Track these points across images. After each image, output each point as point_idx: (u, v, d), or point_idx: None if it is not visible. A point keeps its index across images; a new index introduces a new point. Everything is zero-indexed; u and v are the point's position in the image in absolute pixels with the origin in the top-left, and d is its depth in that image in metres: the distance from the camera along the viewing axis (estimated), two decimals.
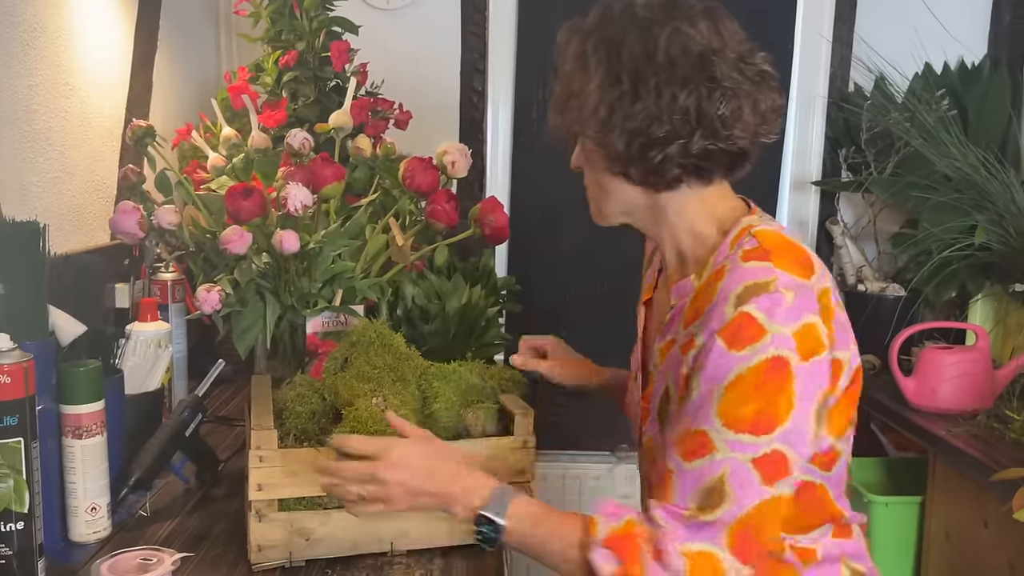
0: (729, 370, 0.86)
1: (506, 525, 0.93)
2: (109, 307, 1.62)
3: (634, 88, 0.90)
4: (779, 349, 0.85)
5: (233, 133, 1.65)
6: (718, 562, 0.86)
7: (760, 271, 0.87)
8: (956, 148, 2.11)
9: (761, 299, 0.86)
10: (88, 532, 1.14)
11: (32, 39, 1.42)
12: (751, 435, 0.85)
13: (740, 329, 0.85)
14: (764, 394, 0.85)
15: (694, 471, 0.87)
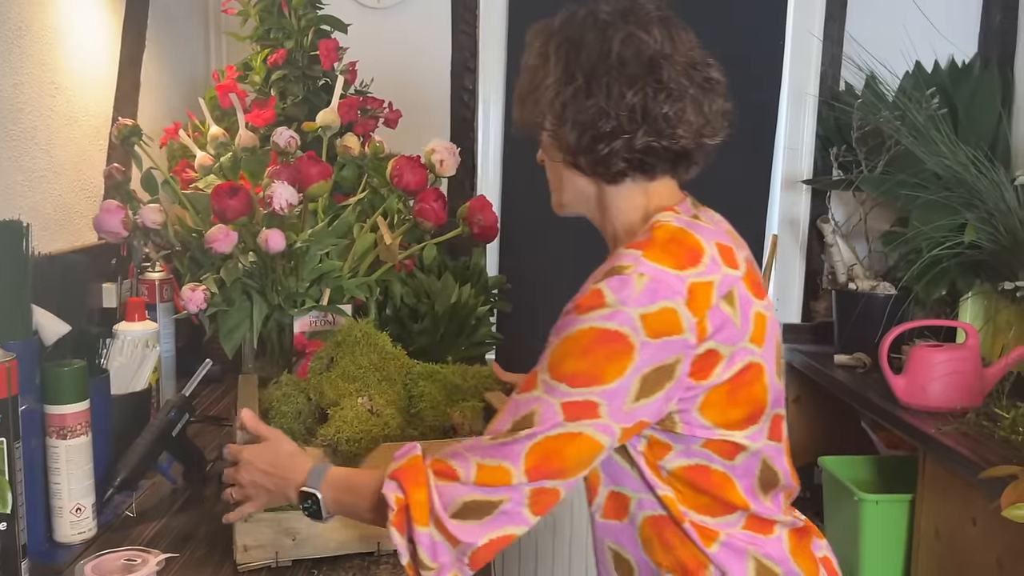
0: (566, 328, 0.93)
1: (321, 495, 1.01)
2: (95, 307, 1.62)
3: (587, 85, 0.98)
4: (620, 325, 0.91)
5: (221, 132, 1.64)
6: (507, 475, 0.91)
7: (625, 257, 0.94)
8: (946, 147, 2.11)
9: (613, 279, 0.92)
10: (73, 533, 1.14)
11: (17, 37, 1.41)
12: (567, 385, 0.92)
13: (589, 300, 0.93)
14: (590, 358, 0.91)
15: (517, 402, 0.95)
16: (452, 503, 0.92)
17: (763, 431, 1.00)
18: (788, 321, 2.56)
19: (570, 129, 0.99)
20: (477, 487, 0.91)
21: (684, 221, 1.00)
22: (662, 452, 0.98)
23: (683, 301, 0.92)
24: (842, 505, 2.04)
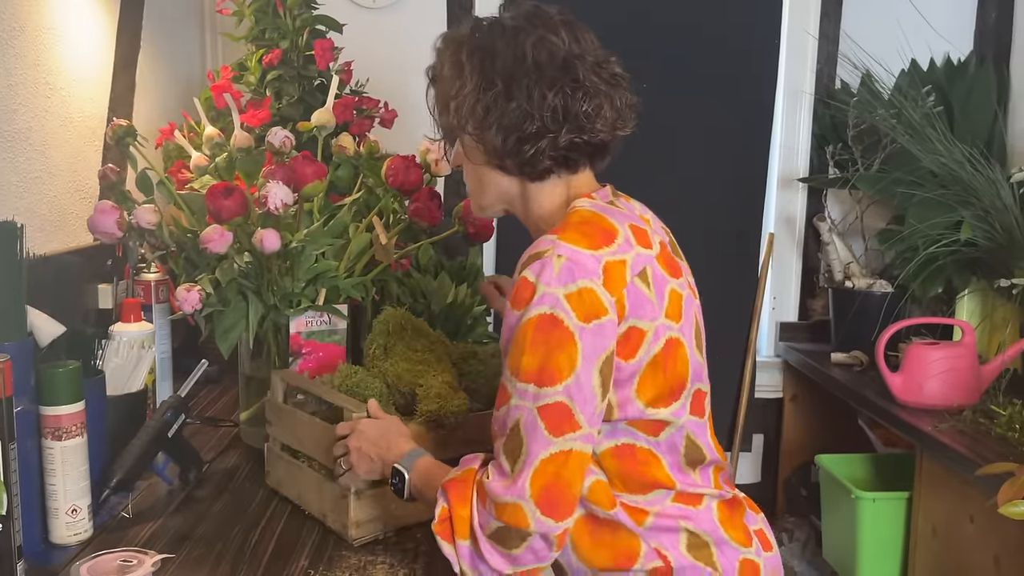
0: (511, 327, 0.96)
1: (409, 477, 1.08)
2: (91, 308, 1.61)
3: (507, 89, 1.02)
4: (552, 308, 0.94)
5: (216, 132, 1.63)
6: (523, 514, 0.95)
7: (545, 242, 0.98)
8: (942, 144, 2.11)
9: (534, 264, 0.96)
10: (69, 534, 1.13)
11: (12, 38, 1.41)
12: (535, 385, 0.94)
13: (518, 290, 0.96)
14: (540, 350, 0.94)
15: (500, 416, 0.98)
16: (487, 525, 0.97)
17: (685, 406, 1.04)
18: (785, 319, 2.56)
19: (495, 133, 1.03)
20: (500, 521, 0.96)
21: (598, 206, 1.05)
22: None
23: (600, 281, 0.96)
24: (839, 503, 2.04)
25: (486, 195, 1.11)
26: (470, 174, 1.12)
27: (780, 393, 2.55)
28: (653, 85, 2.33)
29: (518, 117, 1.02)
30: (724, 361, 2.43)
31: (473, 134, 1.05)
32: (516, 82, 1.02)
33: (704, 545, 1.04)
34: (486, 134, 1.04)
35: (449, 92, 1.06)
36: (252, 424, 1.48)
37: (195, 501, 1.29)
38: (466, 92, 1.04)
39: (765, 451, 2.59)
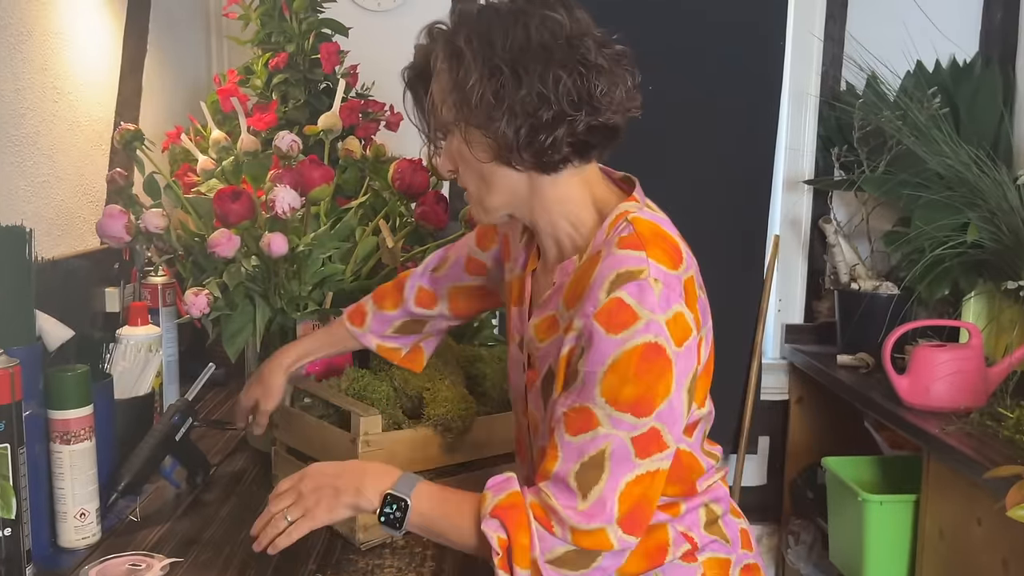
0: (608, 354, 0.91)
1: (412, 503, 0.98)
2: (98, 311, 1.62)
3: (515, 75, 0.94)
4: (656, 336, 0.90)
5: (223, 136, 1.64)
6: (607, 538, 0.92)
7: (633, 259, 0.93)
8: (948, 146, 2.11)
9: (631, 286, 0.91)
10: (77, 538, 1.14)
11: (19, 42, 1.41)
12: (632, 415, 0.91)
13: (613, 313, 0.91)
14: (644, 380, 0.90)
15: (577, 444, 0.93)
16: (551, 551, 0.93)
17: (707, 399, 1.06)
18: (790, 321, 2.56)
19: (507, 123, 0.94)
20: (575, 546, 0.92)
21: (650, 215, 1.00)
22: None
23: (683, 301, 0.94)
24: (846, 506, 2.04)
25: (494, 195, 1.02)
26: (471, 175, 1.02)
27: (786, 395, 2.54)
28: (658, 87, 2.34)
29: (532, 103, 0.94)
30: (730, 363, 2.43)
31: (482, 128, 0.96)
32: (524, 66, 0.93)
33: (715, 519, 1.09)
34: (495, 125, 0.95)
35: (446, 86, 0.97)
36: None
37: (203, 505, 1.29)
38: (471, 82, 0.94)
39: (771, 453, 2.59)
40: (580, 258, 1.00)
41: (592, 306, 0.93)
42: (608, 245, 0.96)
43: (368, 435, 1.16)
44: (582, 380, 0.93)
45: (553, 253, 1.05)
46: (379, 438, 1.17)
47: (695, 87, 2.35)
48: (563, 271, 1.02)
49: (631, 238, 0.96)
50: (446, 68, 0.96)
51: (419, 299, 1.30)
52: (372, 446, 1.17)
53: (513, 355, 1.15)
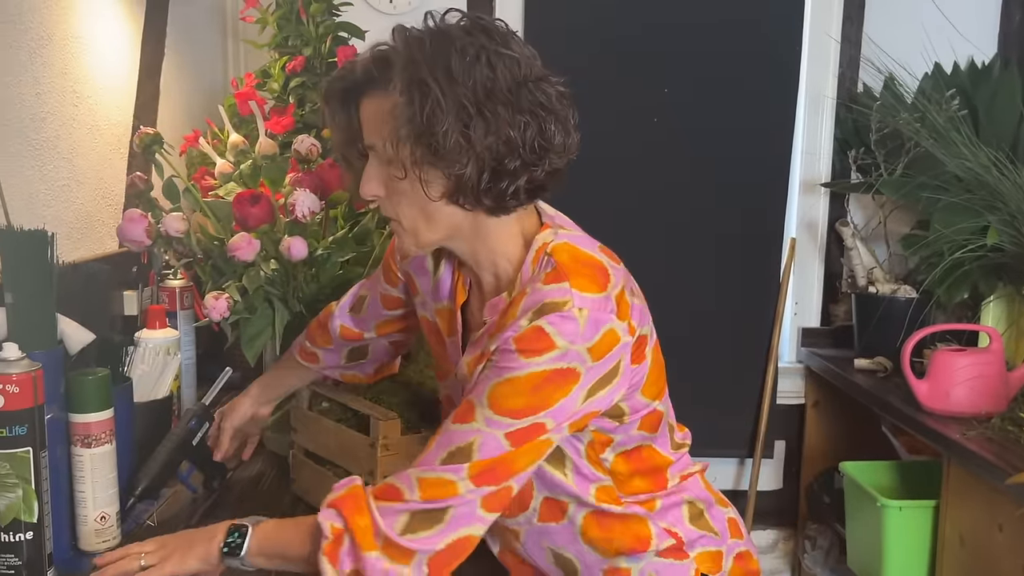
0: (511, 370, 0.91)
1: (253, 529, 0.98)
2: (117, 315, 1.62)
3: (483, 119, 0.89)
4: (570, 363, 0.91)
5: (240, 139, 1.64)
6: (453, 487, 0.90)
7: (556, 292, 0.92)
8: (967, 148, 2.09)
9: (553, 316, 0.91)
10: (98, 541, 1.14)
11: (40, 47, 1.42)
12: (510, 418, 0.91)
13: (531, 340, 0.91)
14: (536, 395, 0.91)
15: (452, 432, 0.93)
16: (397, 521, 0.90)
17: (664, 392, 1.08)
18: (807, 325, 2.55)
19: (471, 168, 0.90)
20: (423, 502, 0.90)
21: (566, 237, 0.99)
22: (603, 446, 1.03)
23: (615, 317, 0.94)
24: (864, 511, 2.02)
25: (434, 231, 0.97)
26: (409, 207, 0.96)
27: (802, 399, 2.53)
28: (673, 90, 2.35)
29: (498, 150, 0.90)
30: (745, 367, 2.42)
31: (440, 167, 0.91)
32: (492, 110, 0.89)
33: (700, 513, 1.11)
34: (457, 168, 0.90)
35: (402, 117, 0.89)
36: (277, 431, 1.49)
37: (220, 508, 1.29)
38: (439, 121, 0.88)
39: (787, 458, 2.57)
40: (509, 294, 0.99)
41: (513, 332, 0.92)
42: (533, 282, 0.95)
43: (387, 439, 1.16)
44: (476, 382, 0.94)
45: (491, 286, 1.04)
46: (398, 442, 1.17)
47: (711, 89, 2.34)
48: (493, 308, 1.01)
49: (555, 272, 0.95)
50: (405, 100, 0.89)
51: (344, 334, 1.28)
52: (391, 450, 1.17)
53: (449, 387, 1.13)
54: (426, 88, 0.88)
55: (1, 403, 0.94)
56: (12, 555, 0.96)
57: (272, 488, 1.37)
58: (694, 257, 2.38)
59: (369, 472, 1.18)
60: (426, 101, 0.88)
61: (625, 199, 2.31)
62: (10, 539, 0.96)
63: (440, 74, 0.89)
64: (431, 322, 1.13)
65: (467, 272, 1.06)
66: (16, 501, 0.96)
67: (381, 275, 1.23)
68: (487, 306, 1.02)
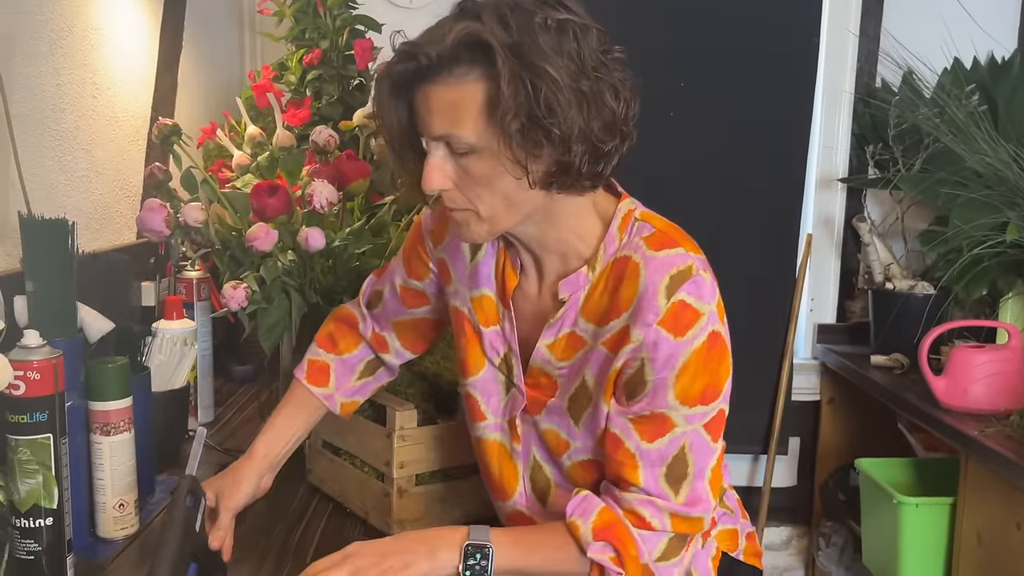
0: (677, 357, 0.91)
1: (495, 548, 0.91)
2: (136, 305, 1.63)
3: (590, 98, 0.85)
4: (714, 325, 0.92)
5: (258, 131, 1.65)
6: (705, 520, 0.96)
7: (677, 257, 0.92)
8: (986, 144, 2.07)
9: (688, 285, 0.91)
10: (116, 528, 1.15)
11: (60, 38, 1.43)
12: (702, 405, 0.93)
13: (678, 316, 0.90)
14: (709, 369, 0.92)
15: (657, 449, 0.93)
16: (656, 548, 0.95)
17: None
18: (823, 321, 2.53)
19: (582, 151, 0.86)
20: (674, 533, 0.95)
21: (641, 206, 1.00)
22: None
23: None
24: (880, 508, 2.01)
25: (514, 217, 0.93)
26: (493, 195, 0.90)
27: (817, 396, 2.52)
28: (690, 84, 2.33)
29: (603, 129, 0.87)
30: (761, 363, 2.41)
31: (552, 154, 0.86)
32: (593, 87, 0.85)
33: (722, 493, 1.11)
34: (568, 155, 0.86)
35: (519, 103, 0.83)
36: None
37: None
38: (557, 105, 0.83)
39: (801, 454, 2.56)
40: (591, 268, 0.97)
41: (653, 314, 0.91)
42: (636, 249, 0.94)
43: (403, 429, 1.17)
44: (651, 388, 0.93)
45: (556, 265, 1.00)
46: (414, 432, 1.18)
47: (728, 84, 2.33)
48: (571, 285, 0.98)
49: (659, 237, 0.94)
50: (513, 86, 0.82)
51: (374, 339, 1.20)
52: (408, 440, 1.17)
53: (487, 379, 1.07)
54: (538, 70, 0.83)
55: (22, 390, 0.95)
56: (32, 541, 0.97)
57: (289, 478, 1.37)
58: (709, 252, 2.31)
59: (385, 463, 1.18)
60: (540, 85, 0.83)
61: (639, 193, 2.29)
62: (30, 524, 0.97)
63: (546, 55, 0.83)
64: (462, 313, 1.08)
65: (518, 254, 1.02)
66: (36, 487, 0.96)
67: (402, 267, 1.16)
68: (563, 283, 0.98)
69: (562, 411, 1.02)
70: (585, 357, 0.98)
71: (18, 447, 0.96)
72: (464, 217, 0.93)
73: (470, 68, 0.85)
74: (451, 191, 0.92)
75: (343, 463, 1.27)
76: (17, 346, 0.96)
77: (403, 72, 0.89)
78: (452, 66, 0.85)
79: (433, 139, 0.90)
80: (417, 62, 0.87)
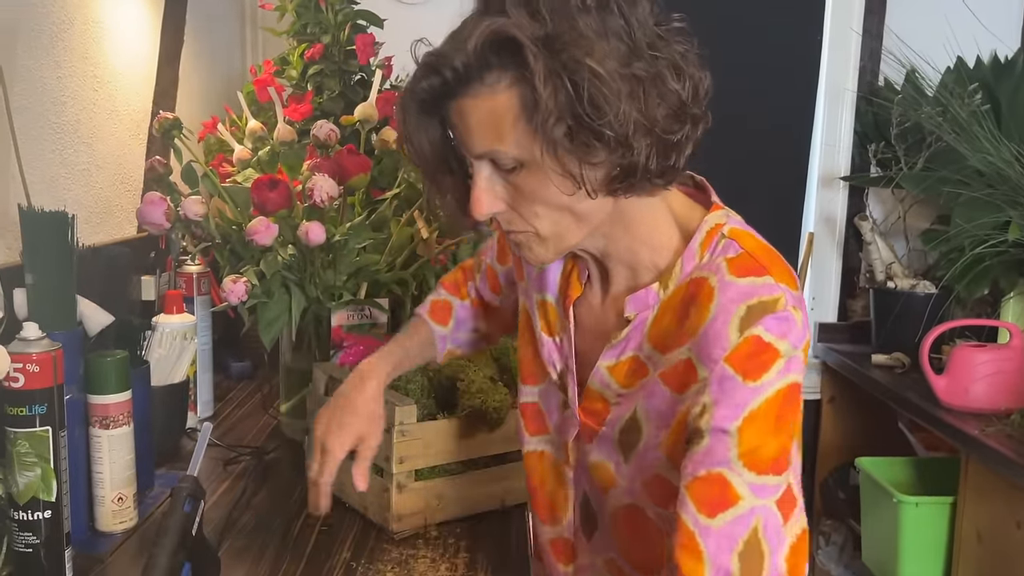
0: (746, 405, 0.75)
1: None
2: (136, 299, 1.63)
3: (650, 85, 0.73)
4: (795, 374, 0.76)
5: (259, 126, 1.65)
6: None
7: (761, 288, 0.77)
8: (989, 143, 2.07)
9: (769, 320, 0.75)
10: (115, 522, 1.14)
11: (61, 31, 1.42)
12: (774, 475, 0.75)
13: (752, 356, 0.75)
14: (784, 430, 0.76)
15: (722, 529, 0.75)
16: None
17: None
18: (824, 320, 2.53)
19: (647, 147, 0.74)
20: None
21: (741, 224, 0.84)
22: None
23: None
24: (880, 507, 2.01)
25: (581, 231, 0.81)
26: (553, 211, 0.79)
27: (818, 395, 2.51)
28: None
29: (668, 117, 0.74)
30: None
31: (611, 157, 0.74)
32: (651, 70, 0.73)
33: None
34: (628, 156, 0.74)
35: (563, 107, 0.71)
36: (292, 416, 1.49)
37: (237, 493, 1.29)
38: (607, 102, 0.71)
39: (802, 453, 2.55)
40: (662, 287, 0.83)
41: (720, 349, 0.75)
42: (715, 271, 0.79)
43: (403, 424, 1.16)
44: (708, 441, 0.75)
45: (624, 278, 0.88)
46: (414, 427, 1.17)
47: (730, 81, 2.32)
48: (639, 302, 0.85)
49: (745, 260, 0.79)
50: (551, 88, 0.71)
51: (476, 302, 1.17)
52: (408, 435, 1.17)
53: (546, 392, 0.97)
54: (577, 63, 0.71)
55: (21, 382, 0.94)
56: (30, 533, 0.97)
57: (288, 473, 1.38)
58: None
59: (385, 458, 1.18)
60: (581, 80, 0.70)
61: None
62: (29, 517, 0.96)
63: (589, 41, 0.71)
64: (528, 314, 0.99)
65: (587, 264, 0.91)
66: (35, 480, 0.96)
67: (495, 246, 1.10)
68: (630, 300, 0.85)
69: (611, 443, 0.89)
70: (642, 388, 0.85)
71: (17, 439, 0.95)
72: (524, 239, 0.82)
73: (501, 73, 0.73)
74: (505, 212, 0.80)
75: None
76: (16, 338, 0.96)
77: (429, 89, 0.77)
78: (482, 74, 0.74)
79: (475, 158, 0.79)
80: (442, 76, 0.76)
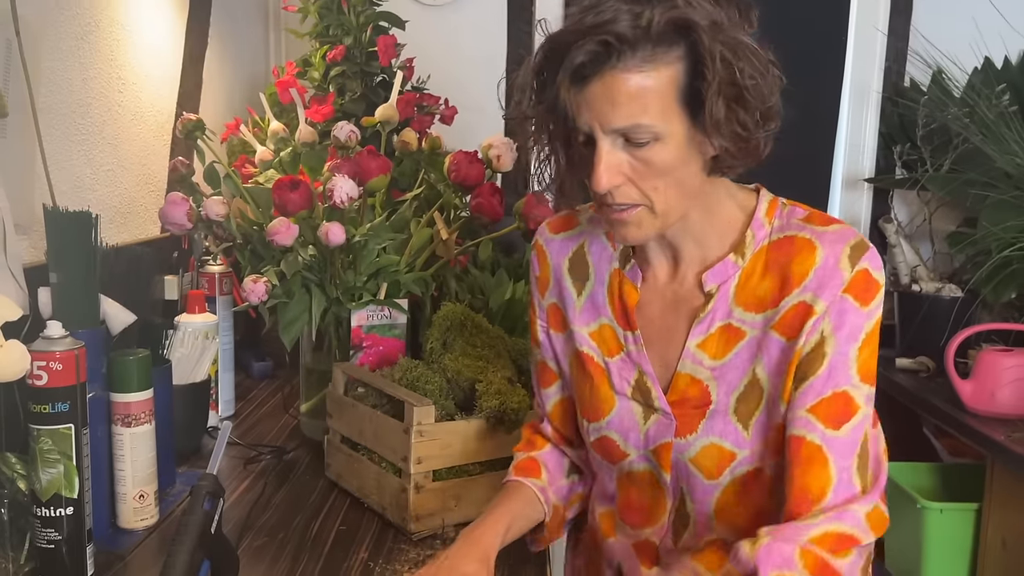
0: (862, 328, 0.87)
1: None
2: (158, 298, 1.65)
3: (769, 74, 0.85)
4: (882, 305, 0.90)
5: (281, 127, 1.66)
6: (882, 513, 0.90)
7: (849, 233, 0.90)
8: (1017, 144, 2.04)
9: (869, 255, 0.89)
10: (136, 519, 1.15)
11: (87, 33, 1.44)
12: (870, 386, 0.89)
13: (865, 285, 0.88)
14: (878, 345, 0.90)
15: (848, 437, 0.88)
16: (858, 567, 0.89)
17: None
18: None
19: (772, 128, 0.87)
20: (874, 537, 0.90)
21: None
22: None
23: None
24: (904, 513, 1.98)
25: (684, 205, 0.89)
26: (673, 185, 0.86)
27: None
28: None
29: (768, 89, 0.84)
30: None
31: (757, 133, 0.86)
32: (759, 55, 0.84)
33: None
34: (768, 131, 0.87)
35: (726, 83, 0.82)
36: (312, 416, 1.50)
37: (256, 492, 1.30)
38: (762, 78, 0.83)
39: None
40: (740, 256, 0.93)
41: (838, 282, 0.87)
42: (800, 229, 0.91)
43: (421, 425, 1.16)
44: (829, 363, 0.87)
45: (694, 258, 0.96)
46: (432, 428, 1.17)
47: None
48: (719, 274, 0.94)
49: (818, 216, 0.93)
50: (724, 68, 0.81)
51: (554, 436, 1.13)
52: (425, 436, 1.17)
53: (623, 415, 0.99)
54: (740, 44, 0.82)
55: (44, 380, 0.95)
56: (52, 530, 0.98)
57: (307, 473, 1.38)
58: None
59: (403, 458, 1.18)
60: (742, 63, 0.81)
61: None
62: (51, 514, 0.98)
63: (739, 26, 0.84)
64: (582, 353, 1.02)
65: (646, 254, 0.98)
66: (57, 476, 0.97)
67: (534, 348, 1.11)
68: (708, 274, 0.94)
69: (727, 415, 0.93)
70: (750, 350, 0.92)
71: (40, 437, 0.97)
72: (635, 216, 0.88)
73: (668, 49, 0.81)
74: (624, 186, 0.86)
75: (361, 458, 1.28)
76: (40, 337, 0.97)
77: (593, 55, 0.80)
78: (650, 48, 0.80)
79: (607, 132, 0.83)
80: (608, 45, 0.79)
